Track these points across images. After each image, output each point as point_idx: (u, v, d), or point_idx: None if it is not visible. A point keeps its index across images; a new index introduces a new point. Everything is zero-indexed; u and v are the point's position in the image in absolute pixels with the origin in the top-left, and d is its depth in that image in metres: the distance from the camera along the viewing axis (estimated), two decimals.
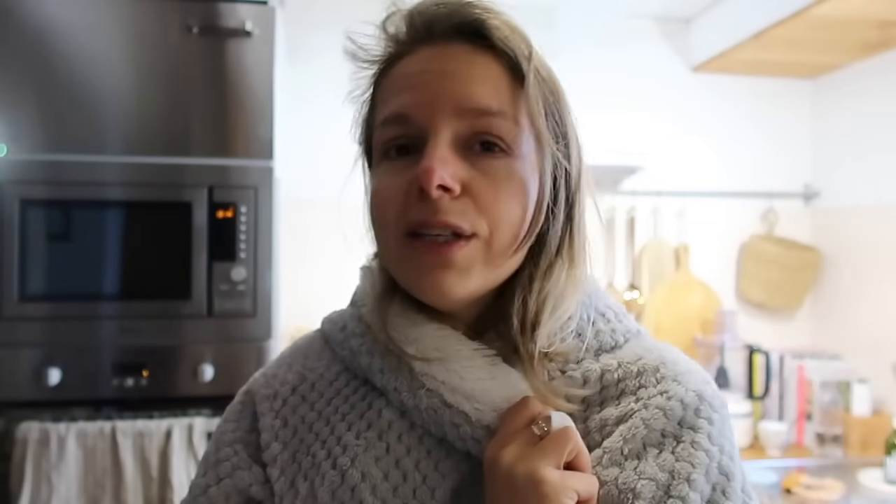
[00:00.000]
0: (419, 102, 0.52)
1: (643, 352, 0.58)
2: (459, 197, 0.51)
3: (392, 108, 0.54)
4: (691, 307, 2.39)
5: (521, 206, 0.53)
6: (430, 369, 0.54)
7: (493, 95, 0.52)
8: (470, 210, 0.51)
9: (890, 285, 2.17)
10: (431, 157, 0.50)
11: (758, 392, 2.24)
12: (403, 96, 0.54)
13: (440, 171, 0.50)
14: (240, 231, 1.56)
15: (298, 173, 2.14)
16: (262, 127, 1.59)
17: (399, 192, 0.52)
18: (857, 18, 1.89)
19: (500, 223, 0.52)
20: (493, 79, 0.53)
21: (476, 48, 0.54)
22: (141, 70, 1.56)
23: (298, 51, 2.18)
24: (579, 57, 2.33)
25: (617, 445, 0.52)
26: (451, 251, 0.51)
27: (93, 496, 1.46)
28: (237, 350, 1.57)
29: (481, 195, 0.51)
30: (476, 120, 0.52)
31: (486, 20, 0.53)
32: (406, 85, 0.54)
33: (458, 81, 0.52)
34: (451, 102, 0.52)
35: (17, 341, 1.50)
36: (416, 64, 0.55)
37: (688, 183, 2.41)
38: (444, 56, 0.54)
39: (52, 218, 1.53)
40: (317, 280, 2.15)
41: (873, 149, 2.25)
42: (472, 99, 0.52)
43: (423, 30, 0.56)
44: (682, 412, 0.53)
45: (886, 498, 1.82)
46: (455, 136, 0.52)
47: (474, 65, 0.53)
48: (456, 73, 0.53)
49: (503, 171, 0.52)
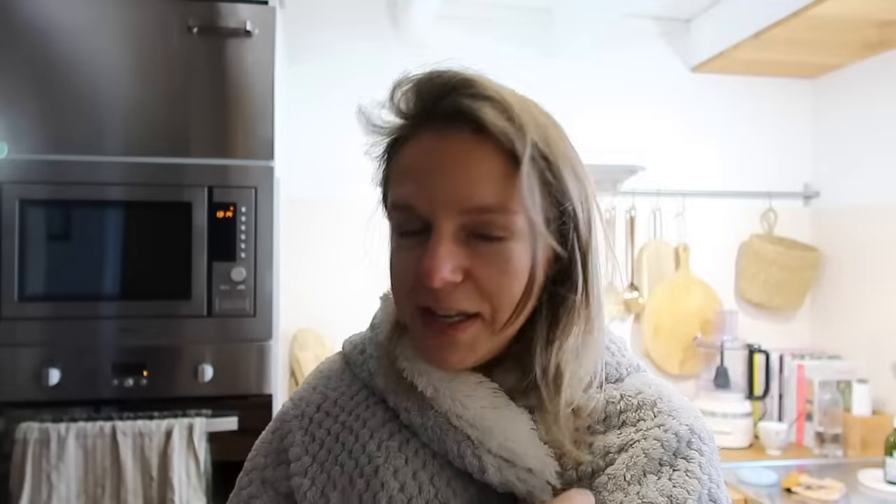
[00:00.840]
0: (423, 198, 0.57)
1: (643, 386, 0.63)
2: (462, 283, 0.56)
3: (399, 198, 0.59)
4: (691, 307, 2.39)
5: (518, 284, 0.57)
6: (437, 396, 0.60)
7: (491, 191, 0.56)
8: (473, 294, 0.57)
9: (890, 285, 2.17)
10: (433, 256, 0.55)
11: (758, 392, 2.25)
12: (409, 187, 0.58)
13: (440, 271, 0.55)
14: (240, 231, 1.56)
15: (298, 173, 2.14)
16: (262, 127, 1.59)
17: (409, 273, 0.58)
18: (857, 18, 1.89)
19: (501, 302, 0.57)
20: (492, 172, 0.56)
21: (476, 135, 0.56)
22: (141, 70, 1.56)
23: (298, 51, 2.18)
24: (579, 57, 2.33)
25: (620, 472, 0.56)
26: (457, 333, 0.57)
27: (93, 496, 1.46)
28: (237, 350, 1.57)
29: (483, 280, 0.56)
30: (477, 216, 0.56)
31: (482, 116, 0.55)
32: (412, 177, 0.58)
33: (458, 181, 0.56)
34: (453, 202, 0.56)
35: (17, 341, 1.50)
36: (420, 155, 0.58)
37: (688, 183, 2.41)
38: (445, 150, 0.57)
39: (52, 218, 1.53)
40: (317, 280, 2.15)
41: (873, 149, 2.25)
42: (472, 199, 0.55)
43: (425, 112, 0.59)
44: (677, 444, 0.57)
45: (886, 498, 1.82)
46: (458, 228, 0.56)
47: (474, 160, 0.56)
48: (456, 171, 0.56)
49: (502, 255, 0.57)
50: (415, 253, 0.57)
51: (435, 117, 0.58)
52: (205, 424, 1.50)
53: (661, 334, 2.36)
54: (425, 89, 0.59)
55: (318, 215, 2.18)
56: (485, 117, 0.55)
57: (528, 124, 0.56)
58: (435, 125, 0.58)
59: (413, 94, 0.60)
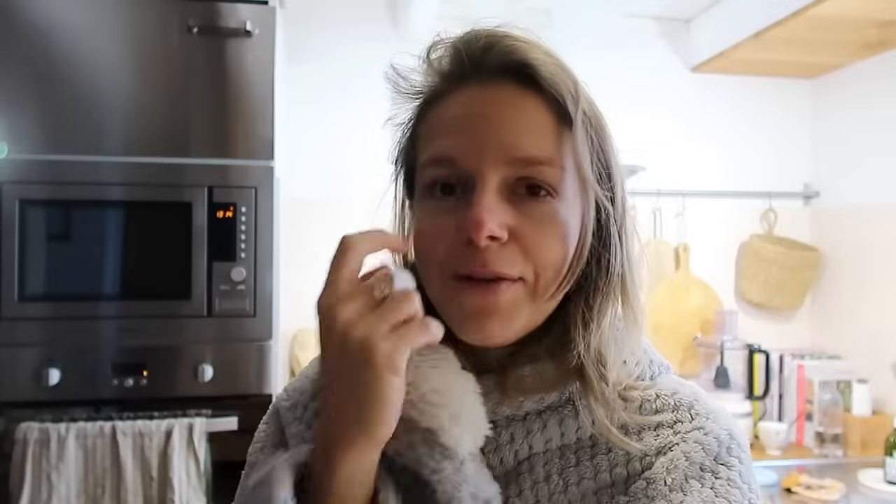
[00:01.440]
0: (467, 147, 0.53)
1: (678, 386, 0.59)
2: (506, 244, 0.52)
3: (439, 151, 0.54)
4: (691, 307, 2.39)
5: (564, 248, 0.53)
6: None
7: (540, 143, 0.52)
8: (517, 256, 0.52)
9: (890, 285, 2.17)
10: (480, 207, 0.50)
11: (758, 392, 2.25)
12: (450, 139, 0.54)
13: (489, 222, 0.50)
14: (240, 231, 1.56)
15: (298, 173, 2.14)
16: (262, 127, 1.59)
17: (445, 234, 0.53)
18: (857, 18, 1.89)
19: (545, 267, 0.53)
20: (541, 124, 0.53)
21: (523, 89, 0.54)
22: (141, 70, 1.56)
23: (298, 51, 2.18)
24: (578, 57, 2.30)
25: (661, 476, 0.53)
26: (497, 294, 0.52)
27: (93, 496, 1.46)
28: (237, 350, 1.57)
29: (528, 240, 0.52)
30: (523, 168, 0.52)
31: (534, 62, 0.53)
32: (453, 127, 0.54)
33: (505, 129, 0.52)
34: (500, 150, 0.52)
35: (17, 341, 1.50)
36: (463, 105, 0.55)
37: (688, 183, 2.41)
38: (492, 99, 0.54)
39: (52, 218, 1.53)
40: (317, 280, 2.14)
41: (873, 149, 2.25)
42: (520, 148, 0.52)
43: (469, 67, 0.55)
44: (718, 449, 0.54)
45: (886, 498, 1.82)
46: (502, 182, 0.52)
47: (522, 110, 0.53)
48: (504, 119, 0.53)
49: (548, 214, 0.53)
50: (453, 215, 0.52)
51: (480, 71, 0.55)
52: (205, 424, 1.50)
53: (661, 334, 2.36)
54: (468, 46, 0.55)
55: (318, 215, 2.18)
56: (537, 68, 0.53)
57: (579, 84, 0.55)
58: (478, 80, 0.55)
59: (454, 50, 0.56)
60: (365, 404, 0.46)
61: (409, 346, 0.47)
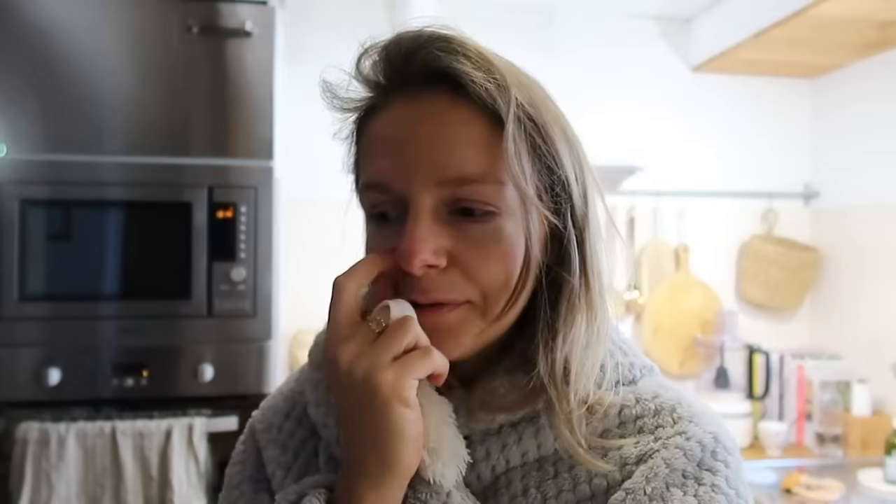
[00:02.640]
0: (397, 171, 0.50)
1: (659, 389, 0.57)
2: (446, 269, 0.50)
3: (372, 175, 0.52)
4: (691, 307, 2.38)
5: (508, 267, 0.51)
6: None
7: (473, 158, 0.49)
8: (458, 281, 0.50)
9: (890, 285, 2.17)
10: (412, 237, 0.49)
11: (758, 392, 2.25)
12: (381, 162, 0.52)
13: (421, 252, 0.48)
14: (240, 231, 1.56)
15: (298, 173, 2.14)
16: (262, 127, 1.59)
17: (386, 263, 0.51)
18: (857, 18, 1.89)
19: (490, 288, 0.51)
20: (473, 136, 0.50)
21: (452, 98, 0.50)
22: (141, 70, 1.56)
23: (298, 51, 2.18)
24: (579, 57, 2.33)
25: (640, 486, 0.50)
26: (442, 315, 0.51)
27: (93, 496, 1.46)
28: (237, 350, 1.57)
29: (469, 264, 0.50)
30: (457, 188, 0.50)
31: (459, 70, 0.49)
32: (383, 150, 0.52)
33: (435, 148, 0.50)
34: (430, 172, 0.49)
35: (17, 341, 1.50)
36: (392, 124, 0.52)
37: (688, 183, 2.41)
38: (419, 116, 0.51)
39: (52, 218, 1.53)
40: (317, 280, 2.14)
41: (873, 149, 2.25)
42: (451, 167, 0.49)
43: (395, 77, 0.53)
44: (701, 454, 0.52)
45: (886, 498, 1.82)
46: (438, 203, 0.50)
47: (452, 123, 0.50)
48: (432, 137, 0.50)
49: (489, 234, 0.50)
50: (391, 242, 0.51)
51: (407, 82, 0.52)
52: (205, 424, 1.50)
53: (661, 334, 2.36)
54: (394, 51, 0.52)
55: (318, 215, 2.17)
56: (461, 72, 0.49)
57: (511, 81, 0.50)
58: (407, 90, 0.52)
59: (381, 58, 0.53)
60: (380, 438, 0.47)
61: (414, 375, 0.47)
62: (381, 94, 0.54)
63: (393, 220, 0.52)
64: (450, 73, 0.50)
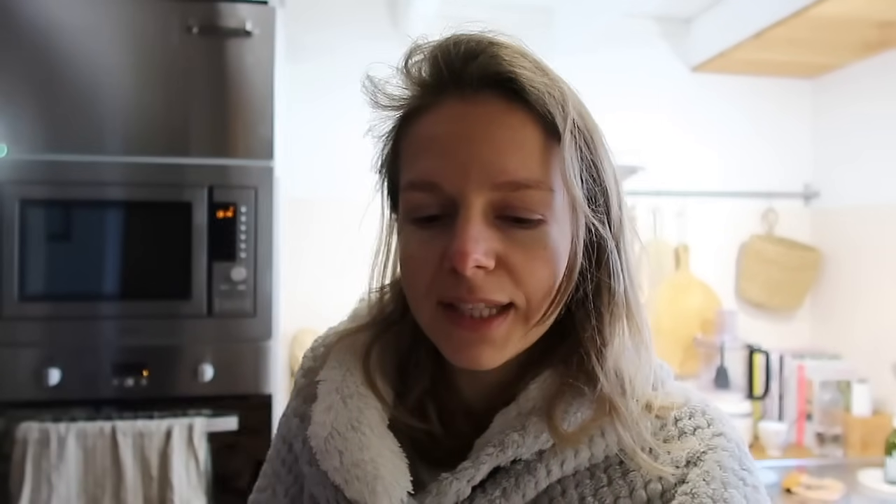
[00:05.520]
0: (450, 171, 0.50)
1: (684, 391, 0.58)
2: (494, 270, 0.50)
3: (420, 174, 0.52)
4: (691, 307, 2.38)
5: (553, 273, 0.51)
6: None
7: (528, 164, 0.49)
8: (506, 283, 0.50)
9: (890, 285, 2.17)
10: (465, 236, 0.48)
11: (758, 392, 2.24)
12: (433, 161, 0.51)
13: (474, 252, 0.48)
14: (240, 231, 1.56)
15: (298, 173, 2.14)
16: (262, 127, 1.59)
17: (430, 263, 0.51)
18: (857, 18, 1.89)
19: (534, 292, 0.51)
20: (528, 142, 0.50)
21: (509, 102, 0.50)
22: (141, 70, 1.56)
23: (298, 51, 2.18)
24: (578, 57, 2.33)
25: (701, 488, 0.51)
26: (490, 328, 0.51)
27: (93, 496, 1.46)
28: (237, 350, 1.57)
29: (517, 267, 0.50)
30: (510, 192, 0.49)
31: (520, 75, 0.49)
32: (435, 149, 0.51)
33: (490, 150, 0.49)
34: (485, 174, 0.49)
35: (17, 341, 1.50)
36: (445, 123, 0.51)
37: (688, 183, 2.41)
38: (475, 116, 0.50)
39: (52, 218, 1.53)
40: (317, 280, 2.15)
41: (873, 149, 2.25)
42: (506, 172, 0.49)
43: (449, 78, 0.52)
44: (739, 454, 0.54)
45: (886, 498, 1.82)
46: (487, 205, 0.50)
47: (507, 127, 0.50)
48: (488, 139, 0.49)
49: (537, 240, 0.50)
50: (437, 241, 0.50)
51: (462, 83, 0.51)
52: (205, 424, 1.50)
53: (661, 334, 2.36)
54: (452, 51, 0.51)
55: (318, 215, 2.18)
56: (523, 77, 0.49)
57: (567, 93, 0.51)
58: (459, 92, 0.51)
59: (433, 60, 0.52)
60: None
61: None
62: (432, 94, 0.53)
63: (436, 222, 0.51)
64: (511, 77, 0.49)
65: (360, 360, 0.59)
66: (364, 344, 0.60)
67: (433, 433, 0.58)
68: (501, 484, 0.53)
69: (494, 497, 0.53)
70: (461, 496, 0.53)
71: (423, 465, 0.57)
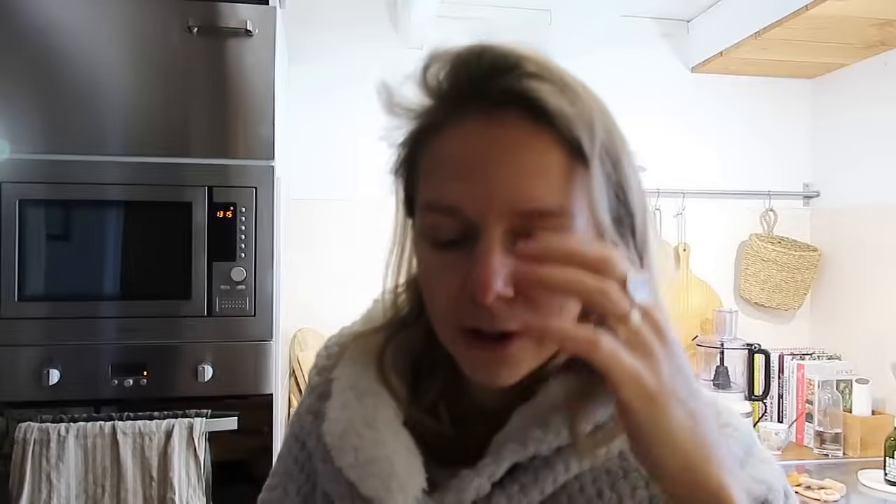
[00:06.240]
0: (472, 196, 0.48)
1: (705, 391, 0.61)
2: (514, 297, 0.48)
3: (440, 197, 0.50)
4: (691, 307, 2.38)
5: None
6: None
7: (552, 191, 0.48)
8: (522, 310, 0.48)
9: (890, 285, 2.17)
10: (487, 268, 0.46)
11: (758, 392, 2.25)
12: (453, 185, 0.49)
13: (495, 284, 0.46)
14: (240, 231, 1.56)
15: (298, 173, 2.14)
16: (262, 127, 1.59)
17: (451, 289, 0.50)
18: (857, 18, 1.89)
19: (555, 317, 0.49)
20: (553, 167, 0.48)
21: (534, 122, 0.48)
22: (141, 70, 1.56)
23: (298, 51, 2.18)
24: (578, 57, 2.30)
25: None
26: (506, 349, 0.50)
27: (93, 496, 1.46)
28: (237, 350, 1.57)
29: (536, 293, 0.48)
30: (533, 221, 0.48)
31: (546, 97, 0.47)
32: (456, 172, 0.49)
33: (514, 175, 0.47)
34: (508, 201, 0.47)
35: (17, 341, 1.50)
36: (467, 144, 0.49)
37: (687, 183, 2.41)
38: (498, 138, 0.48)
39: (52, 218, 1.53)
40: (317, 280, 2.15)
41: (873, 149, 2.25)
42: (531, 199, 0.47)
43: (472, 93, 0.49)
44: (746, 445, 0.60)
45: (886, 498, 1.82)
46: (509, 232, 0.48)
47: (533, 151, 0.48)
48: (512, 163, 0.47)
49: None
50: (458, 267, 0.49)
51: (485, 99, 0.49)
52: (205, 424, 1.50)
53: None
54: (475, 63, 0.49)
55: (318, 215, 2.18)
56: (548, 102, 0.47)
57: (595, 114, 0.49)
58: (482, 109, 0.49)
59: (454, 71, 0.50)
60: None
61: None
62: (453, 109, 0.50)
63: (455, 245, 0.50)
64: (537, 100, 0.47)
65: (374, 360, 0.59)
66: (378, 345, 0.60)
67: (444, 433, 0.58)
68: (520, 480, 0.53)
69: (513, 493, 0.53)
70: (481, 492, 0.53)
71: (435, 465, 0.56)
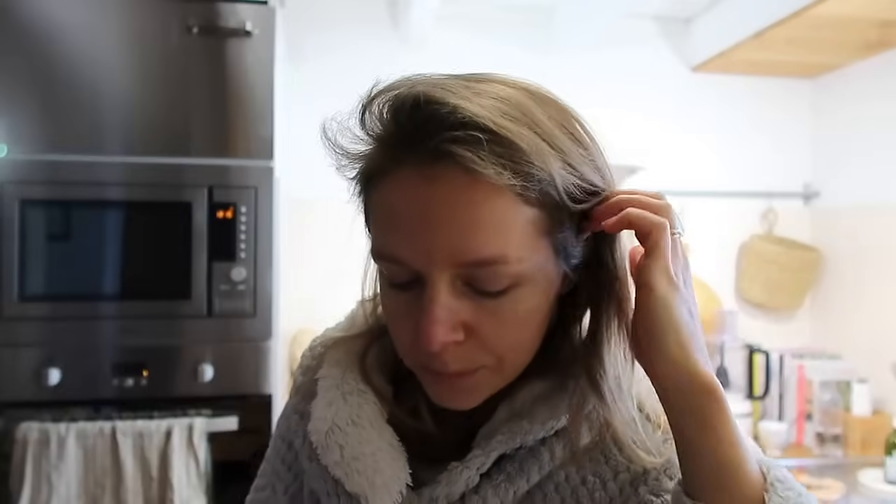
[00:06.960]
0: (412, 252, 0.48)
1: None
2: (465, 340, 0.49)
3: (385, 248, 0.50)
4: None
5: (528, 330, 0.52)
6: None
7: (493, 241, 0.47)
8: (476, 351, 0.50)
9: (890, 285, 2.17)
10: (430, 318, 0.47)
11: (758, 392, 2.24)
12: (395, 238, 0.49)
13: (439, 334, 0.47)
14: (240, 231, 1.56)
15: (298, 173, 2.14)
16: (262, 127, 1.59)
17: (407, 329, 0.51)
18: (857, 18, 1.89)
19: (507, 353, 0.51)
20: (494, 218, 0.47)
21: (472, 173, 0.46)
22: (141, 70, 1.56)
23: (298, 51, 2.18)
24: (578, 57, 2.33)
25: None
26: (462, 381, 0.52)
27: (93, 496, 1.46)
28: (237, 350, 1.57)
29: (487, 335, 0.50)
30: (478, 269, 0.48)
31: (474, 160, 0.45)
32: (396, 225, 0.49)
33: (452, 232, 0.47)
34: (447, 256, 0.47)
35: (17, 341, 1.50)
36: (403, 197, 0.48)
37: (688, 183, 2.41)
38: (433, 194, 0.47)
39: (52, 218, 1.53)
40: (317, 280, 2.15)
41: (873, 149, 2.25)
42: (470, 251, 0.47)
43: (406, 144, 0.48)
44: None
45: (886, 498, 1.82)
46: (454, 278, 0.48)
47: (471, 204, 0.46)
48: (450, 220, 0.46)
49: (506, 305, 0.49)
50: (410, 307, 0.50)
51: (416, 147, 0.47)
52: (205, 424, 1.50)
53: None
54: (406, 119, 0.48)
55: (318, 215, 2.18)
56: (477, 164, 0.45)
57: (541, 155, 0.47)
58: (419, 160, 0.47)
59: (392, 120, 0.49)
60: None
61: None
62: (390, 159, 0.50)
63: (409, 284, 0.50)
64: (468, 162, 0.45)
65: (357, 361, 0.62)
66: (361, 347, 0.63)
67: (425, 431, 0.60)
68: (506, 469, 0.55)
69: (499, 482, 0.55)
70: (470, 484, 0.54)
71: (417, 462, 0.58)
